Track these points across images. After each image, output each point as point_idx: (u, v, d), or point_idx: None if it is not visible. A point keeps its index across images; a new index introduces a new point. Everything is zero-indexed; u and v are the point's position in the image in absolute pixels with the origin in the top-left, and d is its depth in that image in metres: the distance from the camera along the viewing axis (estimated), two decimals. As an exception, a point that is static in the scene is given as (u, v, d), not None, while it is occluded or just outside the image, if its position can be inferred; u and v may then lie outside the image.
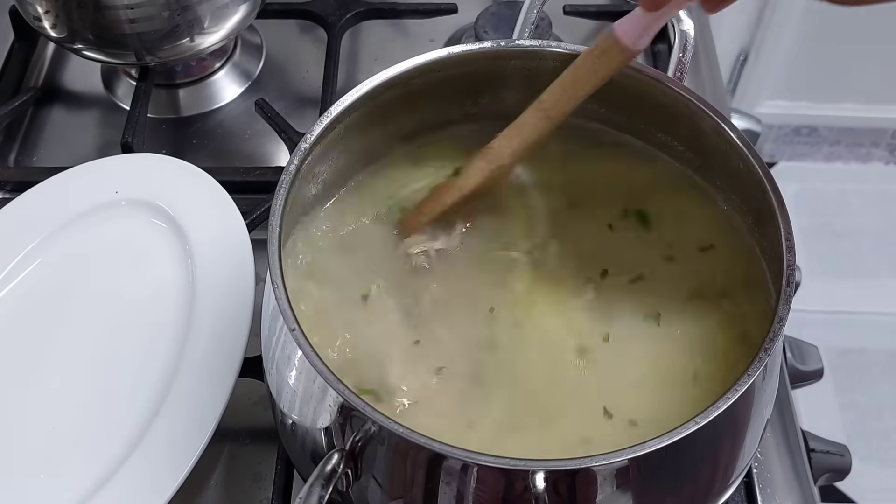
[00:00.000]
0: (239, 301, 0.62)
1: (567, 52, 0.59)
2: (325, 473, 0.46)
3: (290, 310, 0.47)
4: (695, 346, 0.55)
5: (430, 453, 0.45)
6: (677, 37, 0.62)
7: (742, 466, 0.53)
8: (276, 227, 0.50)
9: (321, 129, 0.55)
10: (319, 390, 0.48)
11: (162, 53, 0.80)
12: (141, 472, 0.57)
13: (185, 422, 0.58)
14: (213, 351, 0.60)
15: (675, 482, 0.48)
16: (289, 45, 0.92)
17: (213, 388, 0.59)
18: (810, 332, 0.79)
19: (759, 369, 0.46)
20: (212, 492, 0.63)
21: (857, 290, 1.72)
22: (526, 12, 0.64)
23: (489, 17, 0.87)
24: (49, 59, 0.91)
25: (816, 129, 1.83)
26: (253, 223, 0.69)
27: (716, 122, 0.56)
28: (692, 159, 0.61)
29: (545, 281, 0.58)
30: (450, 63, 0.59)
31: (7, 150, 0.84)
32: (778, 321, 0.47)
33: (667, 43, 0.88)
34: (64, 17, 0.77)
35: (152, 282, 0.65)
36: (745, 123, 0.93)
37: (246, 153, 0.83)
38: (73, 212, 0.68)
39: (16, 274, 0.66)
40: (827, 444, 0.70)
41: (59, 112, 0.87)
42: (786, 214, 0.51)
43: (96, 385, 0.61)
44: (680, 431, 0.43)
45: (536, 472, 0.44)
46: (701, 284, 0.57)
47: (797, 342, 0.77)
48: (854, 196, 1.87)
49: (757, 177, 0.53)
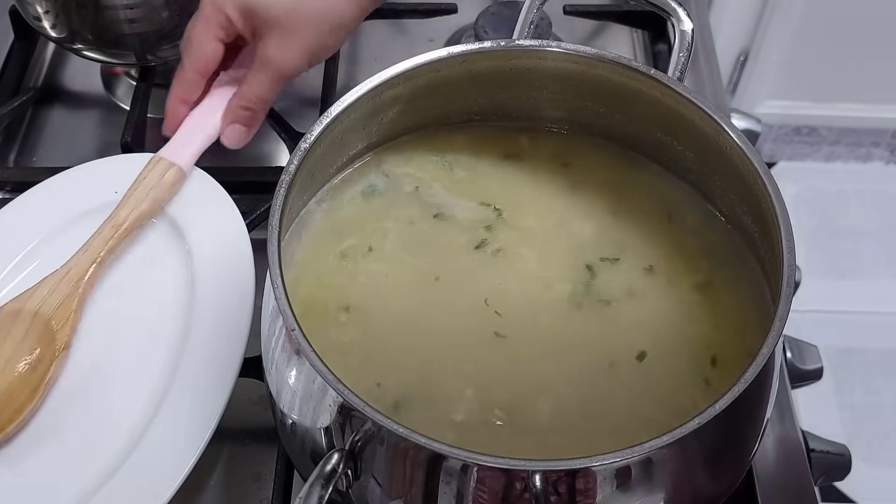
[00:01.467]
0: (239, 301, 0.62)
1: (567, 52, 0.59)
2: (325, 473, 0.46)
3: (290, 310, 0.47)
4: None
5: (430, 453, 0.45)
6: (677, 37, 0.62)
7: (742, 466, 0.53)
8: (276, 227, 0.50)
9: (321, 129, 0.55)
10: (319, 390, 0.48)
11: (162, 53, 0.80)
12: (141, 472, 0.56)
13: (185, 422, 0.58)
14: (213, 351, 0.60)
15: (675, 482, 0.48)
16: (289, 45, 0.92)
17: (213, 388, 0.59)
18: (810, 332, 0.79)
19: (759, 369, 0.46)
20: (212, 492, 0.63)
21: (857, 290, 1.72)
22: (526, 12, 0.64)
23: (489, 17, 0.87)
24: (49, 59, 0.91)
25: (816, 129, 1.82)
26: (253, 223, 0.69)
27: (716, 123, 0.56)
28: (692, 159, 0.61)
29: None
30: (450, 63, 0.59)
31: (7, 150, 0.84)
32: (778, 321, 0.47)
33: (667, 43, 0.88)
34: (64, 17, 0.77)
35: (152, 282, 0.65)
36: (745, 123, 0.93)
37: (246, 153, 0.83)
38: (73, 212, 0.68)
39: (16, 274, 0.66)
40: (827, 444, 0.70)
41: (58, 112, 0.87)
42: (786, 214, 0.51)
43: (96, 385, 0.61)
44: (680, 431, 0.43)
45: (536, 472, 0.44)
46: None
47: (797, 342, 0.77)
48: (854, 196, 1.86)
49: (757, 177, 0.53)
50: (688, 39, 0.61)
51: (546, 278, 0.59)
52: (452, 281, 0.58)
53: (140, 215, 0.65)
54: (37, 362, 0.60)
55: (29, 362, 0.60)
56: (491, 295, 0.57)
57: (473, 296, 0.57)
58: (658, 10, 0.63)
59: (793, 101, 1.76)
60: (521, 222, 0.61)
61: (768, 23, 1.59)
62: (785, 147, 1.87)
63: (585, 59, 0.59)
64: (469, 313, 0.57)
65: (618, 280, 0.59)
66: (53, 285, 0.62)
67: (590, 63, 0.59)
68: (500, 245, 0.60)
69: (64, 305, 0.61)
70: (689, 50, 0.61)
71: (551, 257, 0.60)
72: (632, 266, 0.59)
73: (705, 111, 0.56)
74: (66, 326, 0.61)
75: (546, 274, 0.59)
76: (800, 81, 1.72)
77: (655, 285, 0.58)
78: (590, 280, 0.58)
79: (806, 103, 1.77)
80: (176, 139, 0.68)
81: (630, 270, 0.59)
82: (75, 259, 0.63)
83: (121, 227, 0.64)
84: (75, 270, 0.62)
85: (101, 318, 0.64)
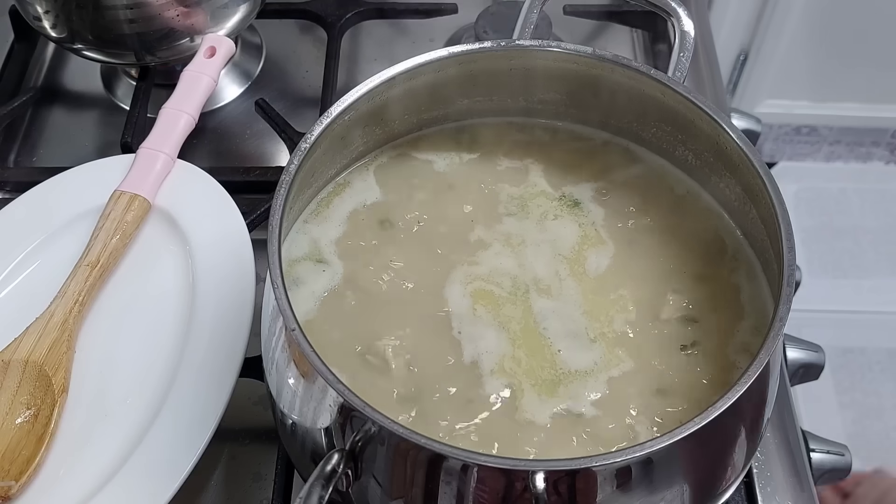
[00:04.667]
0: (239, 301, 0.62)
1: (567, 52, 0.59)
2: (325, 473, 0.46)
3: (290, 310, 0.47)
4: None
5: (430, 453, 0.45)
6: (677, 37, 0.62)
7: (742, 466, 0.53)
8: (276, 227, 0.50)
9: (321, 129, 0.55)
10: (319, 390, 0.48)
11: (162, 53, 0.80)
12: (141, 472, 0.57)
13: (185, 422, 0.58)
14: (213, 351, 0.60)
15: (676, 482, 0.48)
16: (289, 45, 0.92)
17: (213, 388, 0.59)
18: (810, 332, 0.79)
19: (759, 369, 0.46)
20: (212, 492, 0.63)
21: (857, 290, 1.72)
22: (526, 12, 0.64)
23: (489, 17, 0.88)
24: (49, 59, 0.91)
25: (816, 128, 1.82)
26: (253, 223, 0.69)
27: (716, 123, 0.56)
28: (691, 159, 0.61)
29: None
30: (450, 63, 0.59)
31: (7, 150, 0.84)
32: (778, 321, 0.47)
33: (667, 43, 0.88)
34: (64, 17, 0.77)
35: (152, 282, 0.65)
36: (745, 123, 0.93)
37: (246, 153, 0.83)
38: (73, 212, 0.68)
39: (16, 274, 0.66)
40: (827, 444, 0.70)
41: (58, 112, 0.87)
42: (786, 214, 0.51)
43: (96, 385, 0.61)
44: (680, 431, 0.43)
45: (536, 472, 0.44)
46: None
47: (797, 342, 0.77)
48: (854, 195, 1.86)
49: (757, 177, 0.53)
50: (688, 39, 0.61)
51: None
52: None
53: (113, 251, 0.65)
54: (37, 411, 0.59)
55: (29, 412, 0.59)
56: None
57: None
58: (658, 11, 0.63)
59: (793, 101, 1.76)
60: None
61: (768, 23, 1.59)
62: (785, 147, 1.87)
63: (585, 59, 0.59)
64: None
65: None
66: (39, 333, 0.61)
67: (590, 63, 0.59)
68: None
69: (54, 350, 0.60)
70: (690, 50, 0.61)
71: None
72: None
73: (705, 111, 0.56)
74: (61, 370, 0.60)
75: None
76: (800, 81, 1.71)
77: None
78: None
79: (806, 103, 1.77)
80: (133, 172, 0.68)
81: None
82: (55, 304, 0.62)
83: (96, 265, 0.64)
84: (58, 315, 0.62)
85: (101, 319, 0.64)
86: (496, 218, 0.61)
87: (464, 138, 0.65)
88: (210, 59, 0.75)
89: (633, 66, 0.58)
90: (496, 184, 0.63)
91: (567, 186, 0.63)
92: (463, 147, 0.65)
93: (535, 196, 0.62)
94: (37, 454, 0.57)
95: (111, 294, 0.65)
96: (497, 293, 0.57)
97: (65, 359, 0.60)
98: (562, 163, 0.64)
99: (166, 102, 0.72)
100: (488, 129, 0.65)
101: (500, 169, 0.64)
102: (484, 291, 0.57)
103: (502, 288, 0.58)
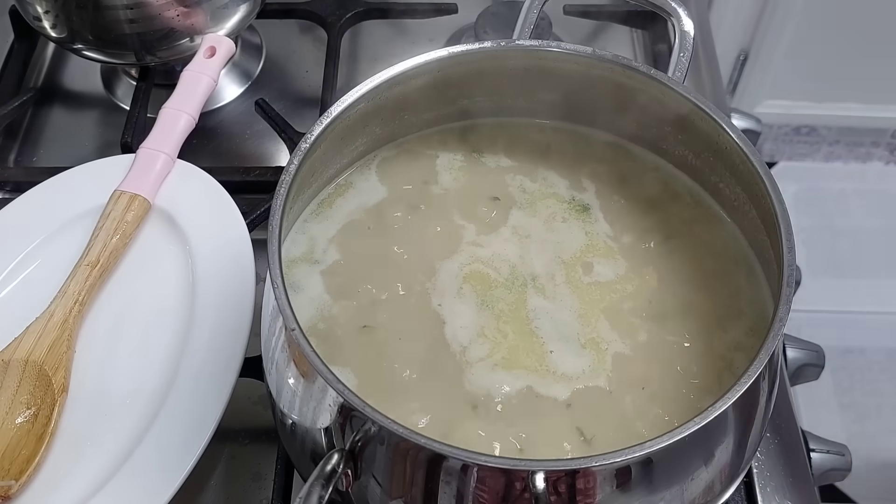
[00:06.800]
0: (239, 301, 0.62)
1: (567, 52, 0.59)
2: (325, 473, 0.46)
3: (290, 310, 0.47)
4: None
5: (430, 453, 0.45)
6: (677, 37, 0.62)
7: (742, 466, 0.53)
8: (276, 227, 0.50)
9: (321, 129, 0.55)
10: (319, 390, 0.48)
11: (162, 53, 0.80)
12: (141, 472, 0.57)
13: (185, 421, 0.58)
14: (213, 351, 0.60)
15: (675, 482, 0.48)
16: (289, 45, 0.92)
17: (213, 388, 0.59)
18: (810, 333, 0.79)
19: (759, 369, 0.46)
20: (212, 492, 0.63)
21: (857, 290, 1.72)
22: (526, 12, 0.64)
23: (489, 17, 0.88)
24: (49, 59, 0.91)
25: (816, 128, 1.82)
26: (253, 223, 0.69)
27: (716, 123, 0.56)
28: (691, 159, 0.61)
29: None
30: (450, 63, 0.59)
31: (7, 150, 0.84)
32: (778, 321, 0.47)
33: (667, 43, 0.88)
34: (64, 17, 0.77)
35: (152, 282, 0.65)
36: (745, 123, 0.93)
37: (246, 153, 0.83)
38: (73, 212, 0.68)
39: (16, 274, 0.66)
40: (827, 444, 0.70)
41: (59, 112, 0.87)
42: (786, 214, 0.51)
43: (96, 385, 0.61)
44: (680, 431, 0.43)
45: (536, 472, 0.44)
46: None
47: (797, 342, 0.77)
48: (854, 196, 1.86)
49: (757, 177, 0.53)
50: (688, 40, 0.61)
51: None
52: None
53: (113, 251, 0.65)
54: (37, 410, 0.59)
55: (29, 412, 0.59)
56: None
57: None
58: (658, 11, 0.63)
59: (793, 101, 1.76)
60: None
61: (768, 23, 1.59)
62: (785, 147, 1.87)
63: (585, 59, 0.59)
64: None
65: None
66: (39, 332, 0.61)
67: (590, 63, 0.59)
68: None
69: (54, 350, 0.60)
70: (690, 50, 0.61)
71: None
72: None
73: (705, 111, 0.56)
74: (61, 370, 0.60)
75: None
76: (800, 81, 1.71)
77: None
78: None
79: (806, 103, 1.77)
80: (133, 172, 0.69)
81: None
82: (55, 303, 0.62)
83: (96, 265, 0.64)
84: (58, 315, 0.62)
85: (101, 319, 0.64)
86: (491, 225, 0.61)
87: (465, 138, 0.65)
88: (210, 59, 0.75)
89: (633, 66, 0.58)
90: (496, 184, 0.63)
91: (570, 189, 0.63)
92: (464, 147, 0.65)
93: (547, 197, 0.62)
94: (37, 453, 0.57)
95: (111, 294, 0.65)
96: (493, 276, 0.58)
97: (65, 358, 0.60)
98: (562, 163, 0.64)
99: (166, 102, 0.72)
100: (488, 130, 0.66)
101: (500, 169, 0.64)
102: (481, 273, 0.58)
103: (500, 273, 0.58)
